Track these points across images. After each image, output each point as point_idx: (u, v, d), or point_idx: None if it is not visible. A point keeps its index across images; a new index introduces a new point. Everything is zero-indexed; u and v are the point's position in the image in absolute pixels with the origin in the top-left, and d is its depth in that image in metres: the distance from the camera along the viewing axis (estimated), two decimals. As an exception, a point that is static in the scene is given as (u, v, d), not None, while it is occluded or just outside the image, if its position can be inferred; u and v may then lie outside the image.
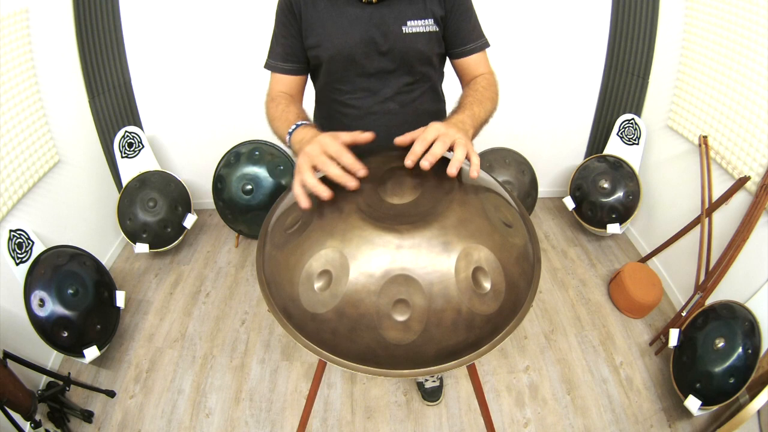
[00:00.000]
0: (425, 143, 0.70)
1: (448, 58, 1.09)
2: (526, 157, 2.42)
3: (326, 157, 0.69)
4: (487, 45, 1.06)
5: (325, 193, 0.66)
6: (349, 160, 0.68)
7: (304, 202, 0.67)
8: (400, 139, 0.75)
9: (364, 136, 0.75)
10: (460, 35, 1.02)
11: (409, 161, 0.70)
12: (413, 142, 0.72)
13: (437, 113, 1.17)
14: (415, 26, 0.96)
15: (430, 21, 0.97)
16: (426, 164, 0.69)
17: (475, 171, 0.70)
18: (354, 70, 1.00)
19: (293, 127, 0.86)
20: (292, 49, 1.01)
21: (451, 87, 1.21)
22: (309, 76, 1.11)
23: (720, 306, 1.59)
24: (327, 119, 1.13)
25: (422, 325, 0.61)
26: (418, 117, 1.09)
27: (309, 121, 0.90)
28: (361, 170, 0.68)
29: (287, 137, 0.87)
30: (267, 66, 1.05)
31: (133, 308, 2.11)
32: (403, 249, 0.63)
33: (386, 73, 1.01)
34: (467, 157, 0.71)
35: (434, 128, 0.72)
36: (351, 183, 0.67)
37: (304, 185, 0.68)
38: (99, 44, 2.13)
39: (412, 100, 1.07)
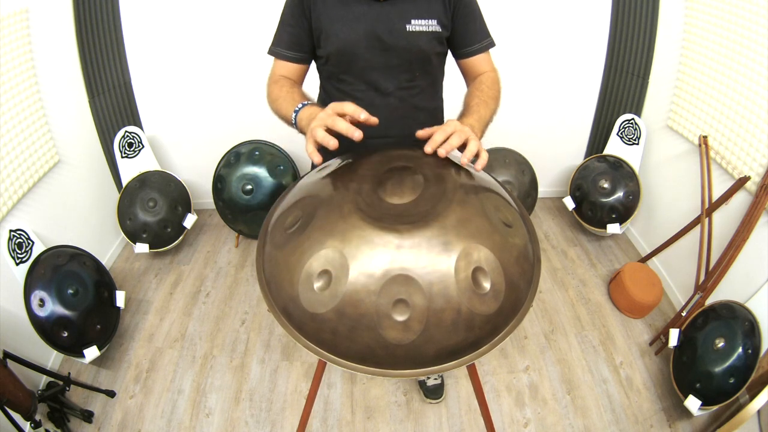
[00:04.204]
0: (444, 134, 0.79)
1: (453, 58, 1.13)
2: (526, 157, 2.42)
3: (336, 115, 0.76)
4: (492, 44, 1.10)
5: (332, 141, 0.74)
6: (352, 109, 0.76)
7: (317, 158, 0.75)
8: (422, 133, 0.84)
9: (371, 120, 0.79)
10: (467, 36, 1.07)
11: (429, 148, 0.79)
12: (430, 136, 0.80)
13: (434, 110, 1.20)
14: (419, 25, 1.00)
15: (434, 22, 1.01)
16: (443, 152, 0.77)
17: (480, 165, 0.79)
18: (358, 63, 1.04)
19: (299, 105, 0.91)
20: (298, 38, 1.05)
21: (450, 86, 1.23)
22: (315, 65, 1.14)
23: (720, 306, 1.58)
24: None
25: (422, 325, 0.61)
26: (416, 113, 1.13)
27: (314, 101, 0.95)
28: (363, 115, 0.76)
29: (293, 115, 0.91)
30: (271, 52, 1.09)
31: (133, 308, 2.10)
32: (403, 249, 0.63)
33: (389, 68, 1.05)
34: (477, 153, 0.79)
35: (453, 123, 0.81)
36: (356, 134, 0.73)
37: (315, 139, 0.75)
38: (99, 44, 2.13)
39: (411, 96, 1.10)
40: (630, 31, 2.19)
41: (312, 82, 1.16)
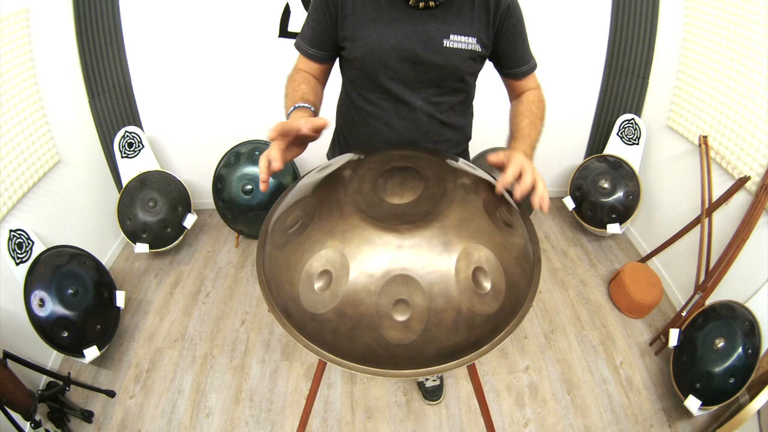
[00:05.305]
0: (516, 171, 0.76)
1: (499, 75, 1.09)
2: (526, 157, 2.42)
3: (265, 157, 0.73)
4: (536, 65, 1.07)
5: (263, 177, 0.73)
6: (275, 157, 0.73)
7: (262, 186, 0.74)
8: (494, 159, 0.82)
9: (320, 123, 0.76)
10: (516, 57, 1.02)
11: (501, 187, 0.77)
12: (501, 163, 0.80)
13: (462, 127, 1.15)
14: (458, 42, 0.93)
15: (474, 40, 0.94)
16: (518, 195, 0.75)
17: (546, 207, 0.75)
18: (385, 73, 0.97)
19: (291, 109, 0.91)
20: (320, 35, 0.98)
21: (480, 102, 1.19)
22: (338, 62, 1.08)
23: (720, 306, 1.59)
24: (351, 111, 1.11)
25: (422, 325, 0.61)
26: (443, 128, 1.07)
27: (308, 103, 0.92)
28: (276, 164, 0.73)
29: (287, 118, 0.91)
30: (296, 44, 1.03)
31: (133, 308, 2.10)
32: (404, 249, 0.63)
33: (417, 82, 0.99)
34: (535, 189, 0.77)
35: (521, 161, 0.78)
36: (261, 184, 0.73)
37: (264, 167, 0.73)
38: (99, 44, 2.13)
39: (439, 112, 1.04)
40: (630, 31, 2.19)
41: (331, 81, 1.11)
